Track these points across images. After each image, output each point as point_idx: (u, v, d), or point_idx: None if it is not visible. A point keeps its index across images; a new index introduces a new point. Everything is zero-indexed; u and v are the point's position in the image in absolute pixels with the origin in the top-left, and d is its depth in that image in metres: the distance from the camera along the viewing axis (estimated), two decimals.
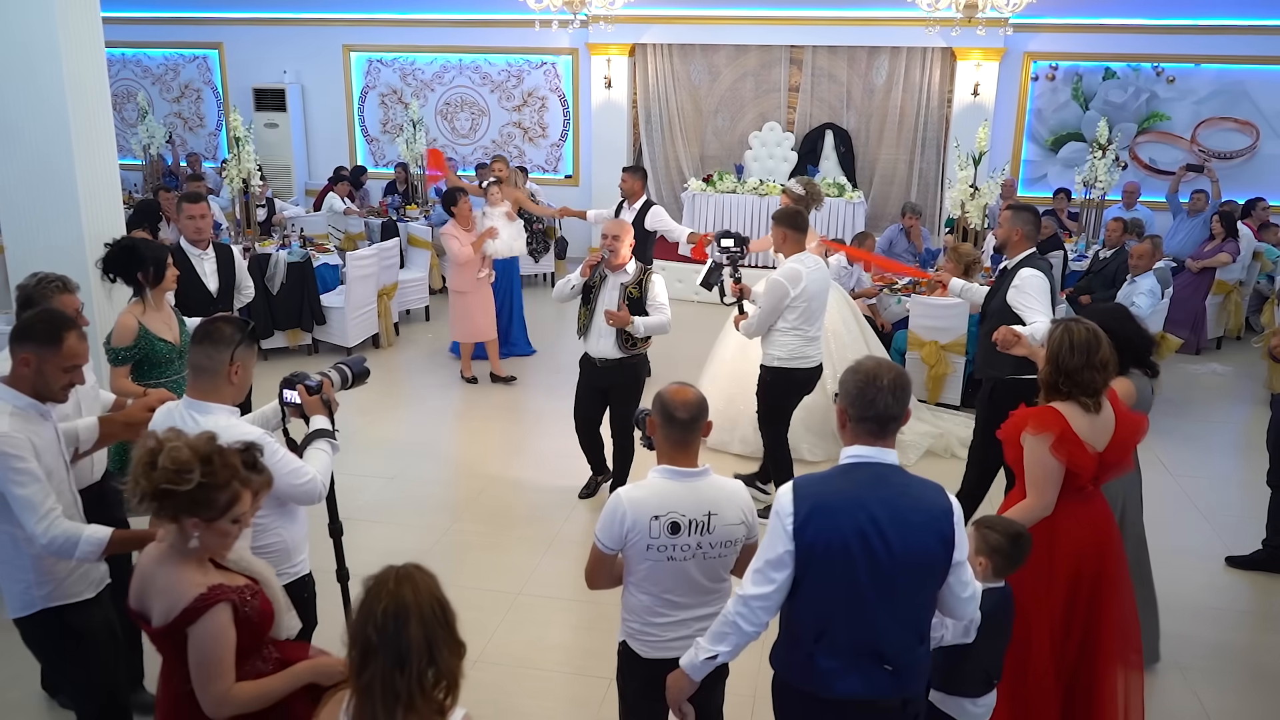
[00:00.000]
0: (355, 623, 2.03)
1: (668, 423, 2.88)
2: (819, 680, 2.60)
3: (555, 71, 13.11)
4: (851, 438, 2.62)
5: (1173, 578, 5.26)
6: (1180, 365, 8.84)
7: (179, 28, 13.66)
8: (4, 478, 2.83)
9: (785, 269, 5.39)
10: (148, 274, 4.45)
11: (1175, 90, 11.62)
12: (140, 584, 2.46)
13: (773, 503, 2.60)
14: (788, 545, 2.53)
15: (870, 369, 2.60)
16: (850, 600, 2.54)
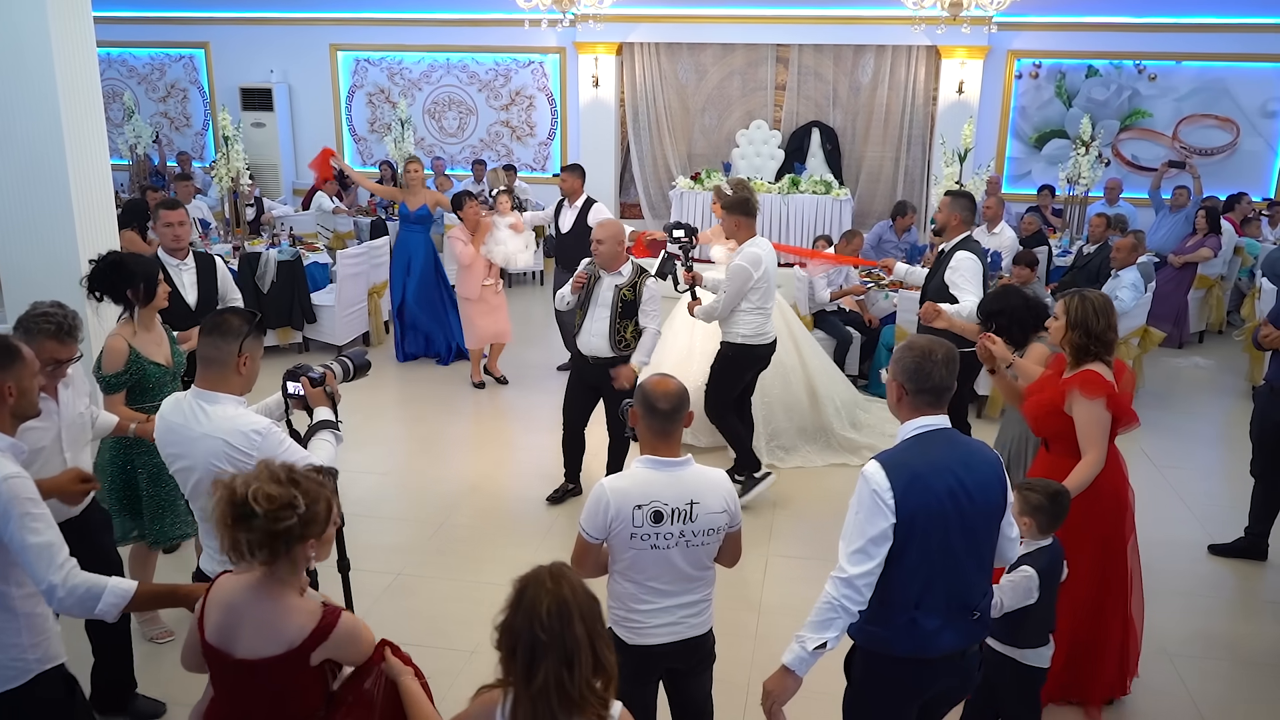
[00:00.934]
0: (515, 624, 2.06)
1: (650, 413, 2.93)
2: (924, 642, 2.73)
3: (543, 70, 13.14)
4: (911, 410, 2.79)
5: (1158, 567, 5.35)
6: (1163, 359, 8.96)
7: (165, 27, 13.63)
8: (18, 524, 2.54)
9: (746, 254, 5.61)
10: (138, 291, 4.12)
11: (1157, 88, 11.75)
12: (229, 620, 2.31)
13: (860, 481, 2.70)
14: (890, 519, 2.64)
15: (924, 346, 2.78)
16: (946, 559, 2.70)
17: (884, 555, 2.66)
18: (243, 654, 2.29)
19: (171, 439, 3.00)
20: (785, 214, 11.53)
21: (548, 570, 2.13)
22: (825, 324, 8.07)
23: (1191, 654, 4.58)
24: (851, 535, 2.70)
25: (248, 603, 2.29)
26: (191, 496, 3.10)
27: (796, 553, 5.39)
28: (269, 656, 2.26)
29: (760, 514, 5.84)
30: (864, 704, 2.92)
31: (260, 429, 2.93)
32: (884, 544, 2.65)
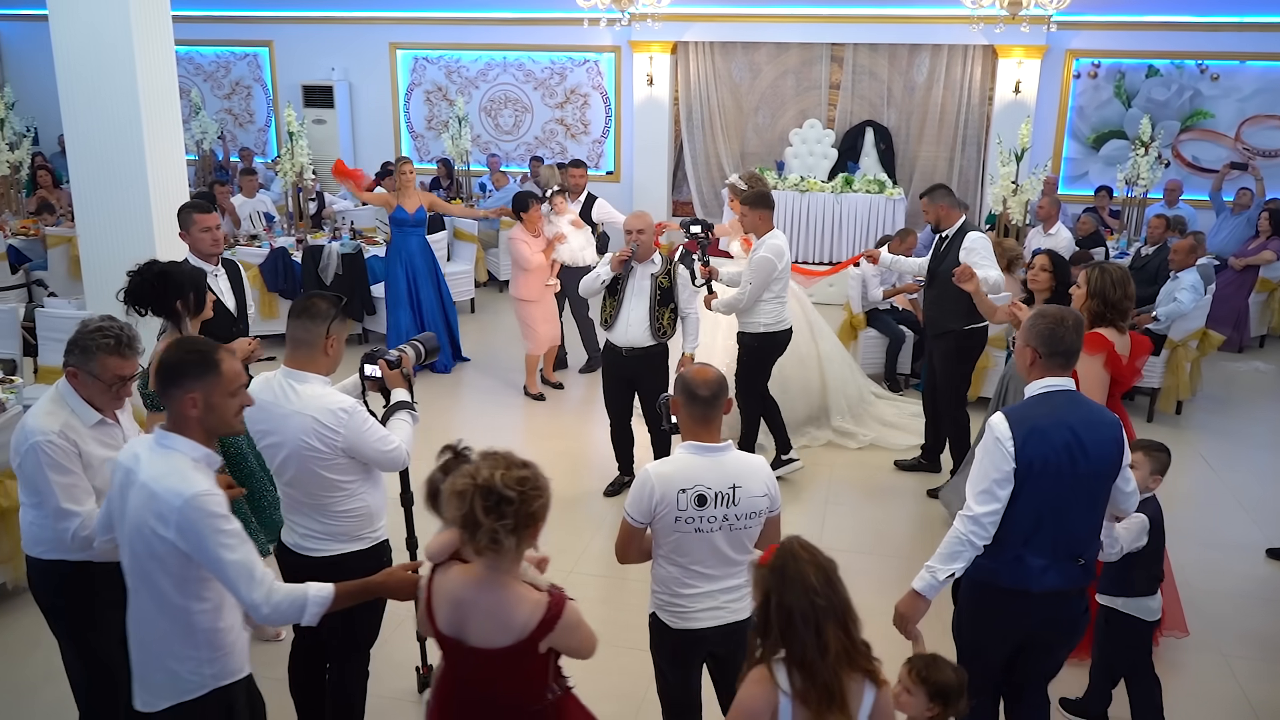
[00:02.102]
0: (787, 600, 2.19)
1: (690, 401, 3.03)
2: (1028, 576, 3.02)
3: (598, 69, 13.27)
4: (1042, 371, 3.11)
5: (1215, 569, 5.35)
6: (1222, 363, 8.85)
7: (230, 26, 13.96)
8: (212, 541, 2.46)
9: (769, 245, 5.83)
10: (187, 301, 3.89)
11: (1219, 88, 11.57)
12: (459, 612, 2.38)
13: (986, 431, 3.03)
14: (1010, 465, 2.95)
15: (1055, 314, 3.12)
16: (1056, 506, 3.00)
17: (1007, 496, 2.97)
18: (475, 643, 2.36)
19: (261, 416, 3.14)
20: (838, 213, 11.55)
21: (795, 543, 2.29)
22: (878, 322, 8.09)
23: (1248, 656, 4.58)
24: (977, 478, 3.02)
25: (475, 596, 2.35)
26: (278, 472, 3.24)
27: (846, 545, 5.45)
28: (500, 647, 2.33)
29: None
30: (971, 628, 3.23)
31: (347, 407, 3.07)
32: (1007, 486, 2.97)
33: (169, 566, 2.50)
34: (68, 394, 3.04)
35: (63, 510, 2.96)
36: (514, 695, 2.42)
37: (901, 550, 5.47)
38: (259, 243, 9.22)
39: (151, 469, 2.52)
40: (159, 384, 2.61)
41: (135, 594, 2.61)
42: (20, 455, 3.00)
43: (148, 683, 2.63)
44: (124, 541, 2.59)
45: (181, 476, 2.49)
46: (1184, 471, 6.82)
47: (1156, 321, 7.47)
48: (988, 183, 11.10)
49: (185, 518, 2.43)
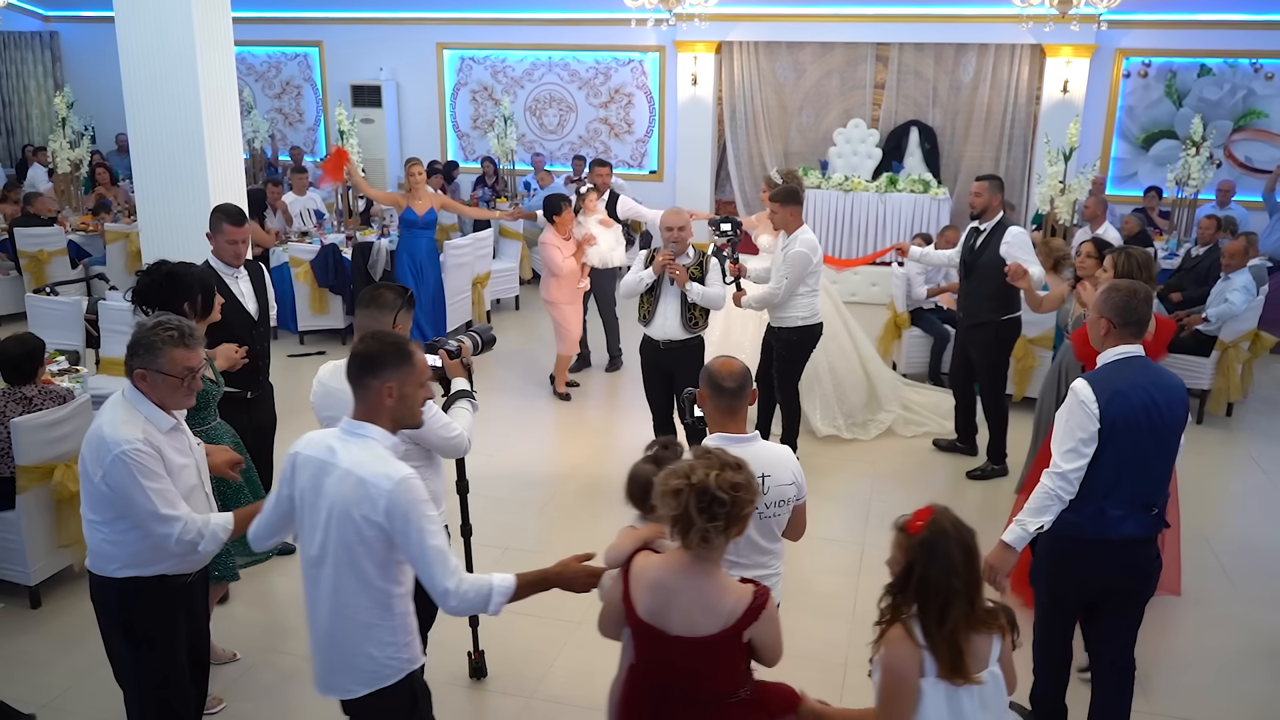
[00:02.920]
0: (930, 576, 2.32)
1: (717, 393, 3.09)
2: (1109, 526, 3.31)
3: (642, 69, 13.35)
4: (1116, 340, 3.40)
5: (1265, 570, 5.31)
6: (1275, 365, 8.71)
7: (281, 26, 14.20)
8: (417, 525, 2.50)
9: (804, 240, 5.98)
10: (195, 303, 3.83)
11: (1273, 87, 11.39)
12: (662, 600, 2.40)
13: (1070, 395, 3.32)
14: (1095, 425, 3.25)
15: (1129, 288, 3.40)
16: (1135, 461, 3.30)
17: (1091, 454, 3.26)
18: (678, 631, 2.38)
19: (330, 402, 3.25)
20: (883, 213, 11.52)
21: (947, 519, 2.38)
22: (922, 321, 8.08)
23: None
24: (1063, 439, 3.32)
25: (681, 583, 2.38)
26: None
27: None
28: (706, 635, 2.37)
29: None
30: (1052, 578, 3.48)
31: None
32: (1091, 445, 3.27)
33: (375, 552, 2.55)
34: (138, 400, 2.96)
35: (163, 516, 2.88)
36: (712, 686, 2.44)
37: None
38: (310, 239, 9.39)
39: (354, 456, 2.56)
40: (353, 373, 2.63)
41: (335, 582, 2.60)
42: (104, 468, 2.86)
43: (346, 669, 2.65)
44: (316, 532, 2.60)
45: (386, 461, 2.55)
46: (1234, 474, 6.77)
47: (1207, 322, 7.39)
48: (1034, 182, 11.03)
49: (395, 501, 2.48)
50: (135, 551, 2.97)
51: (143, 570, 2.99)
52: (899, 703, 2.38)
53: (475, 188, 12.75)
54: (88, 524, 3.00)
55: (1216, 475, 6.72)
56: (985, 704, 2.45)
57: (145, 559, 2.98)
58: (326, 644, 2.67)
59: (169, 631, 3.09)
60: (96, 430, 2.92)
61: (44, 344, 4.85)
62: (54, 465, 4.66)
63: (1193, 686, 4.29)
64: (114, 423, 2.89)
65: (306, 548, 2.66)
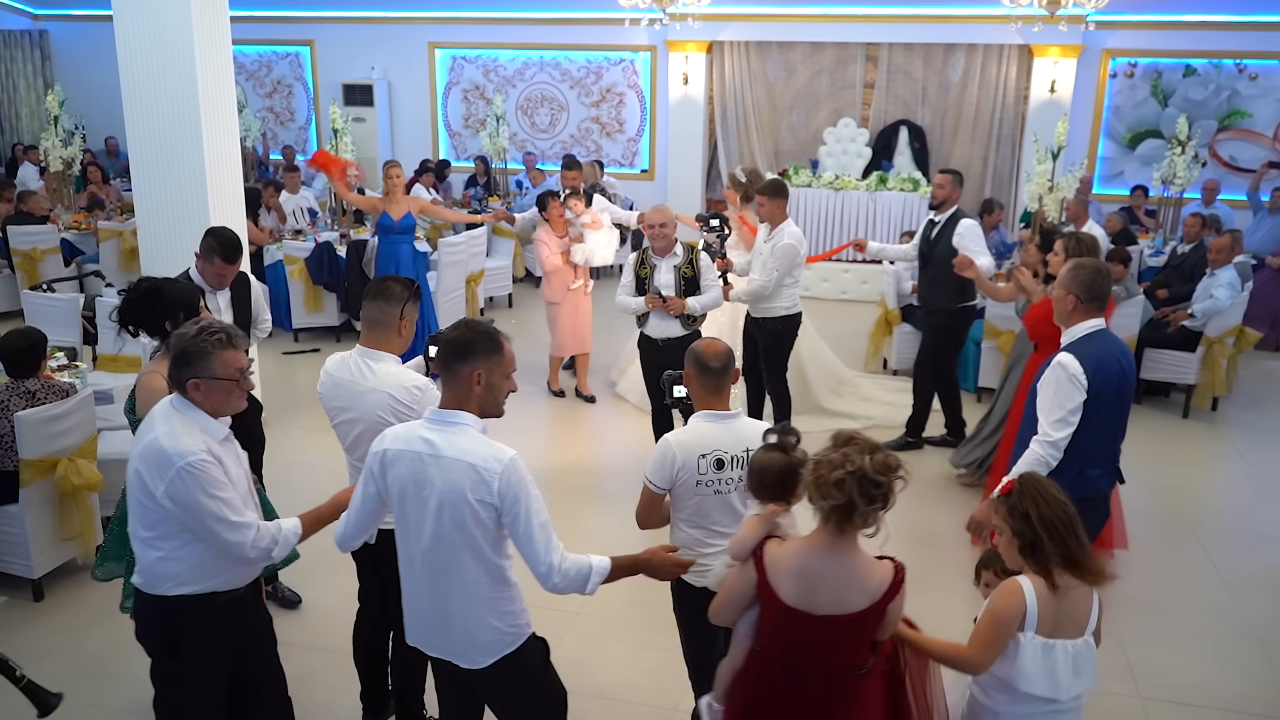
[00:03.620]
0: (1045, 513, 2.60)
1: (703, 373, 3.21)
2: (1091, 485, 3.60)
3: (634, 68, 13.42)
4: (1084, 315, 3.67)
5: (1249, 559, 5.42)
6: (1259, 360, 8.85)
7: (272, 25, 14.22)
8: (526, 506, 2.62)
9: (791, 233, 6.16)
10: (177, 321, 3.54)
11: (1257, 87, 11.54)
12: (808, 584, 2.49)
13: (1057, 370, 3.57)
14: (1083, 395, 3.53)
15: (1094, 265, 3.71)
16: (1113, 424, 3.67)
17: (1077, 422, 3.54)
18: (825, 611, 2.47)
19: (338, 393, 3.30)
20: (873, 211, 11.62)
21: (1031, 481, 2.67)
22: (913, 317, 8.17)
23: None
24: (1051, 409, 3.58)
25: (828, 565, 2.48)
26: (351, 449, 3.39)
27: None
28: (854, 612, 2.47)
29: None
30: None
31: (420, 385, 3.23)
32: (1078, 414, 3.54)
33: (489, 531, 2.65)
34: (191, 412, 2.84)
35: (235, 524, 2.80)
36: (850, 658, 2.56)
37: (920, 532, 5.55)
38: (304, 237, 9.43)
39: (457, 443, 2.64)
40: (444, 358, 2.70)
41: (453, 565, 2.67)
42: (166, 482, 2.74)
43: (473, 643, 2.76)
44: (425, 522, 2.66)
45: (490, 445, 2.65)
46: (1219, 466, 6.89)
47: (1193, 318, 7.51)
48: (1023, 181, 11.14)
49: (507, 481, 2.58)
50: (194, 566, 2.86)
51: (197, 587, 2.88)
52: (994, 646, 2.63)
53: (467, 187, 12.81)
54: (141, 542, 2.87)
55: (1202, 468, 6.83)
56: (1079, 669, 2.65)
57: (204, 573, 2.88)
58: (447, 625, 2.76)
59: (217, 652, 2.98)
60: (152, 445, 2.78)
61: (46, 338, 4.88)
62: (57, 459, 4.70)
63: (1181, 670, 4.38)
64: (173, 435, 2.77)
65: (413, 539, 2.71)
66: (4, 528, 4.69)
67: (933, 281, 6.56)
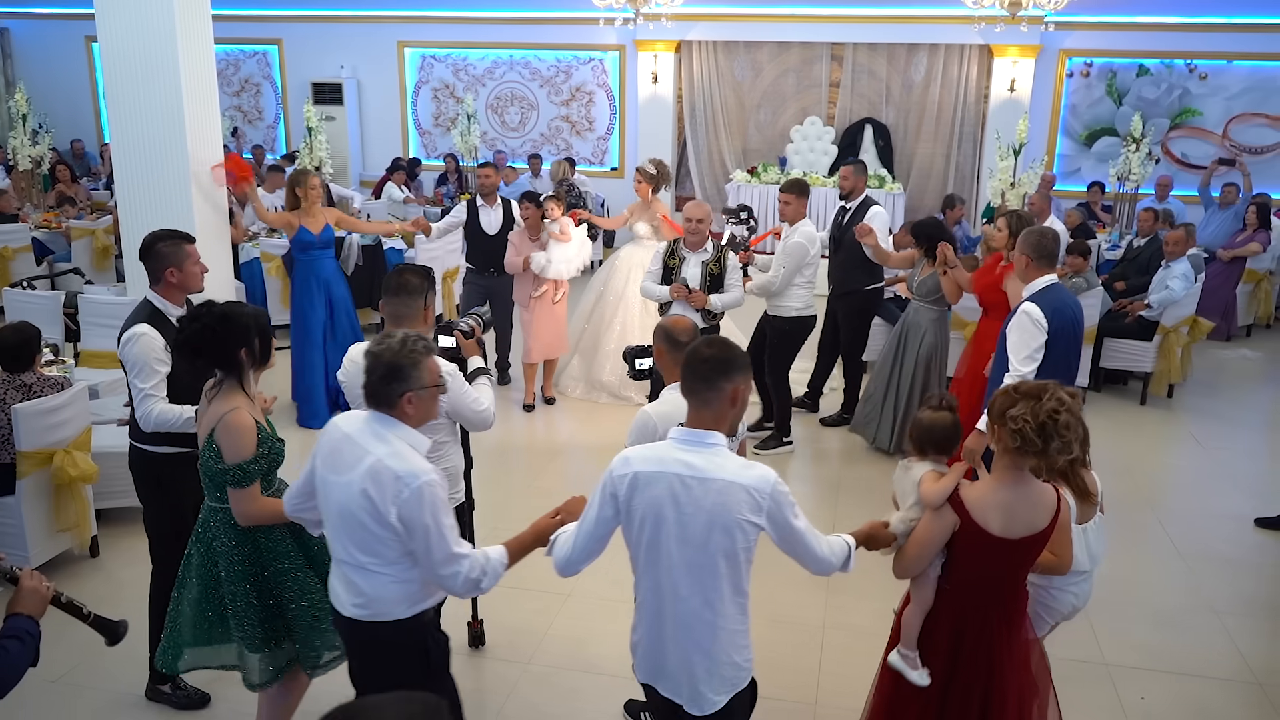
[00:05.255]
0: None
1: (673, 347, 3.41)
2: None
3: (603, 67, 13.57)
4: (1038, 271, 4.47)
5: (1206, 536, 5.69)
6: (1211, 350, 9.20)
7: (240, 24, 14.19)
8: (788, 517, 2.58)
9: (803, 232, 6.29)
10: (253, 348, 3.18)
11: (1207, 87, 11.94)
12: (1009, 514, 2.79)
13: (1022, 317, 4.35)
14: (1044, 336, 4.29)
15: (1039, 230, 4.56)
16: (1068, 359, 4.40)
17: (1040, 358, 4.30)
18: (1020, 535, 2.82)
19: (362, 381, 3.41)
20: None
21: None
22: (883, 311, 8.39)
23: (1237, 612, 4.90)
24: (1019, 348, 4.34)
25: (1020, 494, 2.82)
26: None
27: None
28: (1043, 529, 2.84)
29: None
30: None
31: (450, 372, 3.38)
32: (1041, 352, 4.31)
33: (748, 556, 2.59)
34: (399, 428, 2.74)
35: (455, 554, 2.69)
36: (1027, 571, 2.99)
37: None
38: (280, 235, 9.45)
39: (722, 465, 2.56)
40: (704, 374, 2.59)
41: (710, 594, 2.59)
42: (400, 503, 2.63)
43: (714, 680, 2.65)
44: (685, 548, 2.56)
45: (751, 465, 2.59)
46: (1176, 450, 7.18)
47: (1150, 309, 7.81)
48: (985, 177, 11.45)
49: (774, 499, 2.54)
50: (419, 588, 2.79)
51: (418, 607, 2.83)
52: (1069, 549, 3.10)
53: (439, 185, 12.89)
54: (362, 571, 2.73)
55: (1159, 452, 7.13)
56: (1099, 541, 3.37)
57: (421, 595, 2.81)
58: (692, 659, 2.64)
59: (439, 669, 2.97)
60: (378, 467, 2.65)
61: (40, 333, 4.94)
62: (53, 451, 4.77)
63: (1143, 640, 4.62)
64: (399, 455, 2.67)
65: (662, 565, 2.61)
66: (1, 519, 4.75)
67: (845, 264, 6.95)
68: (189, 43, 6.29)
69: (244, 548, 3.22)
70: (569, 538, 2.77)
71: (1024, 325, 4.32)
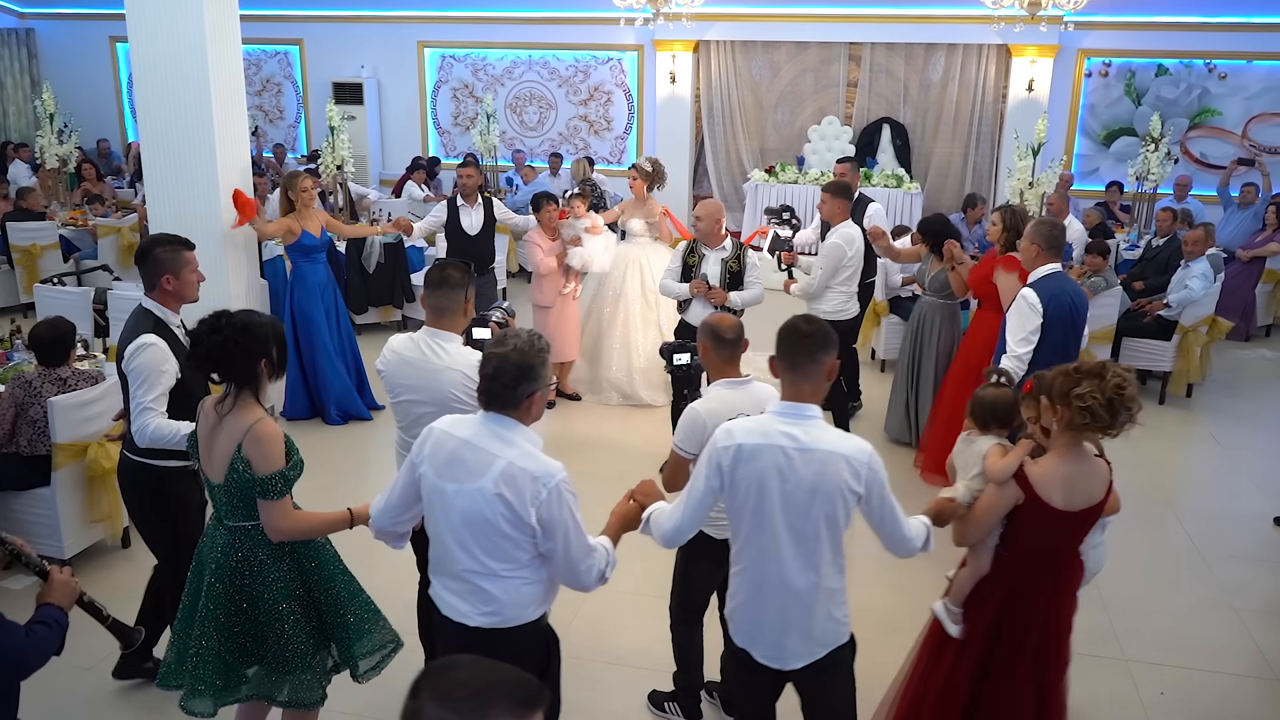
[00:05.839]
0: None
1: (719, 344, 3.47)
2: None
3: (621, 67, 13.63)
4: (1045, 260, 4.74)
5: (1224, 534, 5.71)
6: (1230, 350, 9.20)
7: (261, 25, 14.28)
8: (885, 488, 2.76)
9: (841, 233, 6.19)
10: (272, 359, 3.06)
11: (1227, 86, 11.91)
12: (1070, 487, 3.01)
13: (1020, 301, 4.65)
14: (1039, 319, 4.60)
15: (1050, 222, 4.83)
16: (1065, 345, 4.63)
17: (1036, 340, 4.60)
18: (1080, 506, 3.03)
19: (408, 372, 3.47)
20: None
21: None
22: (899, 309, 8.44)
23: (1255, 609, 4.93)
24: (1016, 330, 4.64)
25: (1080, 468, 3.02)
26: (408, 427, 3.53)
27: None
28: (1100, 499, 3.06)
29: None
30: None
31: None
32: (1037, 334, 4.59)
33: (847, 521, 2.76)
34: (523, 430, 2.72)
35: (590, 547, 2.73)
36: (1079, 540, 3.18)
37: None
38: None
39: (821, 436, 2.72)
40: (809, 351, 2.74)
41: (816, 557, 2.75)
42: (539, 503, 2.62)
43: (814, 635, 2.83)
44: (788, 514, 2.72)
45: (849, 437, 2.76)
46: (1194, 449, 7.20)
47: (1169, 308, 7.82)
48: (1002, 177, 11.46)
49: (872, 470, 2.71)
50: (546, 588, 2.80)
51: (544, 607, 2.82)
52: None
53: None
54: (493, 578, 2.70)
55: (1178, 451, 7.14)
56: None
57: (547, 595, 2.82)
58: (795, 618, 2.81)
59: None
60: (512, 470, 2.62)
61: (75, 328, 5.05)
62: (87, 443, 4.87)
63: (1162, 636, 4.66)
64: (530, 456, 2.66)
65: (766, 532, 2.75)
66: (36, 510, 4.85)
67: None
68: (218, 44, 6.40)
69: (282, 564, 3.07)
70: (671, 511, 2.90)
71: (1021, 309, 4.63)
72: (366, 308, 9.39)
